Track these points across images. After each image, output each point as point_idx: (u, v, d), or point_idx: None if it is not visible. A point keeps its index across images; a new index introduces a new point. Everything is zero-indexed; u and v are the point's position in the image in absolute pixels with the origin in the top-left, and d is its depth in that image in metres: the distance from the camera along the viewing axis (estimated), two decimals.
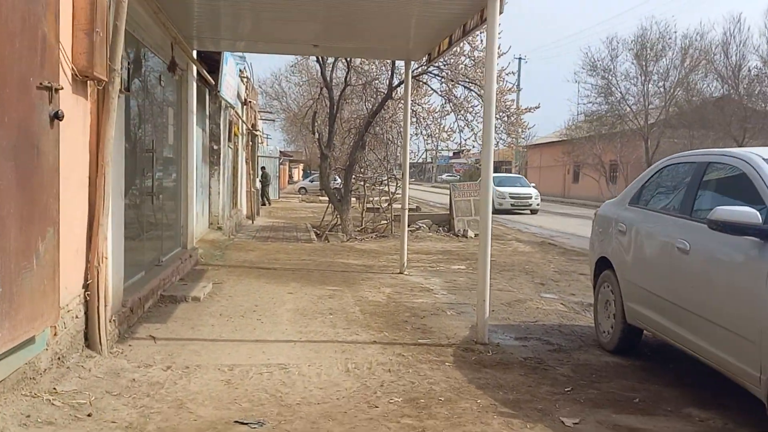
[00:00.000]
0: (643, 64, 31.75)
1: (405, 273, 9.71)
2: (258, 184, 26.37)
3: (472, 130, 15.68)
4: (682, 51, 30.58)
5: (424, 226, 16.55)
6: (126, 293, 5.70)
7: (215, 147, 13.07)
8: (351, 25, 7.92)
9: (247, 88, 19.57)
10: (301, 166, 74.14)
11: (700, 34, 33.91)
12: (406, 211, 10.23)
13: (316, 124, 15.83)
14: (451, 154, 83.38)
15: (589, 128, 36.89)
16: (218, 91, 10.49)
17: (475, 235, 15.67)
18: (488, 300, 5.77)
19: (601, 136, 35.86)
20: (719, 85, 28.50)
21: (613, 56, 33.18)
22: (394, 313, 6.85)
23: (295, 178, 74.40)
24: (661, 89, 31.56)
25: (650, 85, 31.76)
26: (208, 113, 12.70)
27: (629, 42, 32.63)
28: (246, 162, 19.75)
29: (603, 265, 5.83)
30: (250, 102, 19.64)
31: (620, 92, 33.11)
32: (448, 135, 17.11)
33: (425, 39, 8.39)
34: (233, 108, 13.69)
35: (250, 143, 20.30)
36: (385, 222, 17.38)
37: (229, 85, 11.31)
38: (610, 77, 33.40)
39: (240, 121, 17.28)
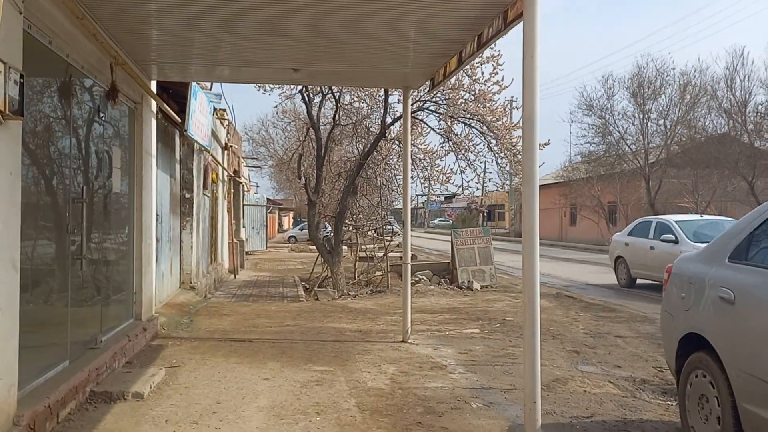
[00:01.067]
0: (641, 102, 30.69)
1: (409, 341, 8.03)
2: (243, 235, 24.75)
3: (474, 170, 14.21)
4: (681, 88, 29.55)
5: (424, 278, 14.91)
6: (25, 403, 4.01)
7: (187, 195, 11.49)
8: (338, 44, 6.43)
9: (228, 132, 18.14)
10: (291, 214, 72.68)
11: (699, 70, 33.08)
12: (409, 265, 8.61)
13: (302, 168, 14.31)
14: (442, 198, 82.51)
15: (587, 169, 35.65)
16: (185, 131, 8.97)
17: (482, 288, 14.04)
18: (539, 400, 4.10)
19: (599, 177, 34.64)
20: (724, 121, 27.35)
21: (609, 95, 32.16)
22: (402, 408, 5.15)
23: (285, 227, 72.86)
24: (662, 127, 30.43)
25: (649, 124, 30.63)
26: (178, 157, 11.17)
27: (626, 80, 31.65)
28: (228, 211, 18.15)
29: (692, 343, 4.21)
30: (231, 147, 18.18)
31: (618, 131, 31.97)
32: (447, 177, 15.62)
33: (428, 57, 6.91)
34: (208, 151, 12.16)
35: (232, 191, 18.75)
36: (380, 273, 15.77)
37: (200, 123, 9.80)
38: (607, 116, 32.32)
39: (219, 166, 15.76)
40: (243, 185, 25.32)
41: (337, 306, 11.40)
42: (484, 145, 13.84)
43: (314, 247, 35.07)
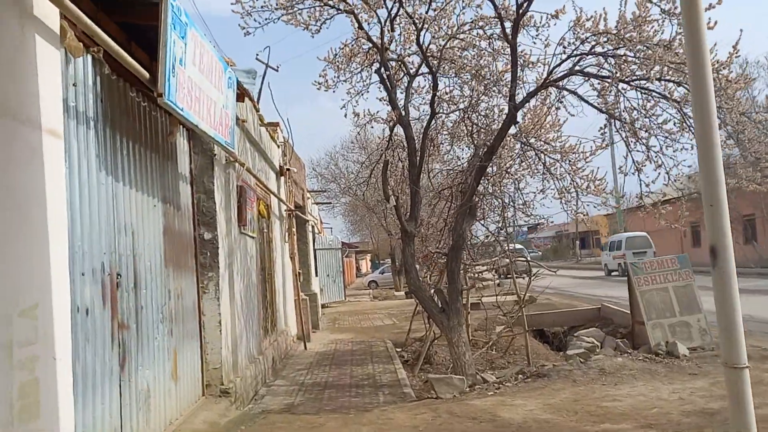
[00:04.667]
0: None
1: None
2: (316, 286, 20.09)
3: (660, 165, 8.92)
4: None
5: (594, 340, 9.59)
6: None
7: (207, 236, 6.81)
8: None
9: (285, 153, 13.63)
10: (368, 257, 68.12)
11: None
12: None
13: (389, 183, 9.39)
14: (525, 229, 75.94)
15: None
16: (160, 95, 4.29)
17: (690, 352, 8.64)
18: None
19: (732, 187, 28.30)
20: None
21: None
22: None
23: (363, 270, 68.39)
24: None
25: None
26: (184, 170, 6.56)
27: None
28: (291, 258, 13.49)
29: None
30: (290, 171, 13.63)
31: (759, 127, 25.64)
32: (600, 182, 10.35)
33: None
34: (235, 157, 7.46)
35: (295, 231, 14.10)
36: (508, 330, 10.64)
37: (201, 92, 5.11)
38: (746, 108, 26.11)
39: (271, 196, 11.15)
40: (312, 225, 20.80)
41: (482, 416, 6.27)
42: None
43: (401, 293, 30.05)
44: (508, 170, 10.50)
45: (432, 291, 9.01)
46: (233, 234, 7.58)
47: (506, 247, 10.38)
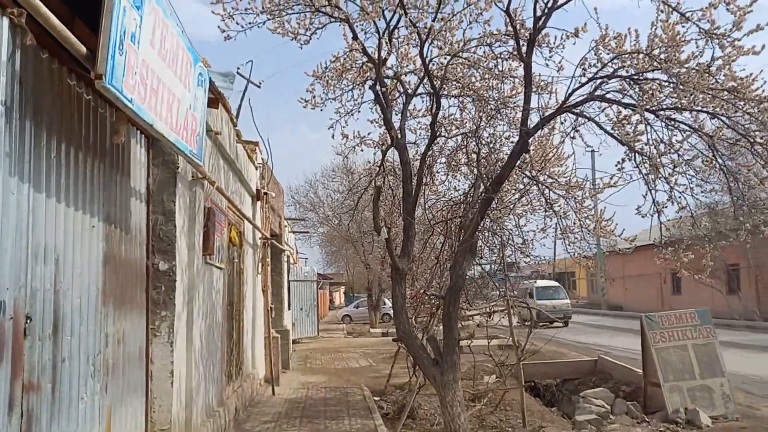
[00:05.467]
0: None
1: None
2: (288, 320, 18.78)
3: (684, 206, 7.97)
4: None
5: (603, 404, 8.48)
6: None
7: (163, 266, 5.62)
8: None
9: (263, 176, 12.50)
10: (342, 289, 66.54)
11: None
12: None
13: (380, 213, 8.26)
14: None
15: (708, 225, 28.75)
16: (100, 77, 3.19)
17: (713, 421, 7.59)
18: None
19: (719, 234, 27.68)
20: None
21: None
22: None
23: (337, 303, 66.77)
24: None
25: None
26: (139, 186, 5.41)
27: None
28: (263, 291, 12.26)
29: None
30: (268, 195, 12.47)
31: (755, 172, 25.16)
32: (604, 226, 9.40)
33: None
34: (203, 174, 6.31)
35: (270, 262, 12.88)
36: (500, 383, 9.53)
37: (156, 80, 4.00)
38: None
39: (244, 221, 9.98)
40: (288, 255, 19.58)
41: None
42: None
43: (378, 330, 28.60)
44: (510, 205, 9.51)
45: (423, 338, 7.85)
46: (196, 264, 6.38)
47: (510, 289, 9.30)
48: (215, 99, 6.08)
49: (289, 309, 19.70)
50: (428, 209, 9.34)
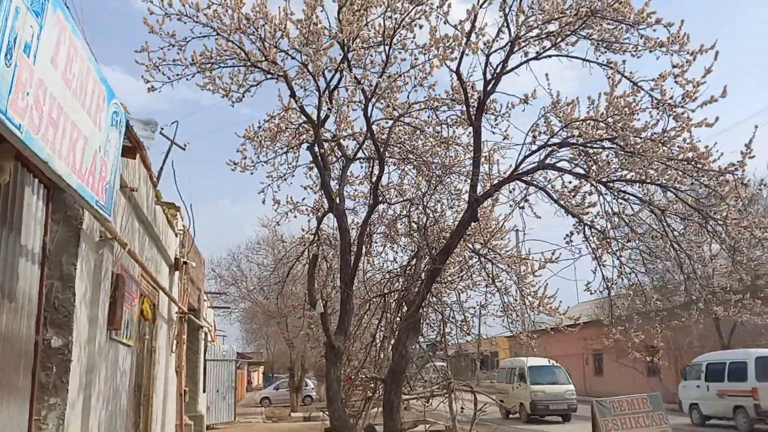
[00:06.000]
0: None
1: None
2: (202, 404, 17.21)
3: (633, 284, 7.62)
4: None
5: None
6: None
7: (56, 343, 4.62)
8: None
9: (184, 244, 11.49)
10: (260, 369, 63.48)
11: None
12: None
13: (314, 285, 7.46)
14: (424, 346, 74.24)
15: (629, 305, 29.18)
16: None
17: None
18: None
19: (642, 314, 28.03)
20: None
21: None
22: None
23: (254, 384, 63.53)
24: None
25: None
26: (31, 244, 4.49)
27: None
28: (177, 372, 11.01)
29: None
30: (187, 265, 11.43)
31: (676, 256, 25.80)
32: (546, 304, 9.03)
33: None
34: (116, 238, 5.41)
35: (184, 339, 11.68)
36: None
37: (57, 110, 3.22)
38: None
39: (160, 292, 8.94)
40: (206, 332, 18.20)
41: None
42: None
43: (299, 414, 26.68)
44: (453, 278, 8.96)
45: (361, 430, 6.96)
46: (98, 341, 5.37)
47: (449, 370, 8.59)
48: (132, 148, 5.28)
49: (204, 392, 18.14)
50: (366, 282, 8.64)
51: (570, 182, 7.34)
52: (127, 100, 7.52)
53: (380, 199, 7.55)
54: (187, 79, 7.40)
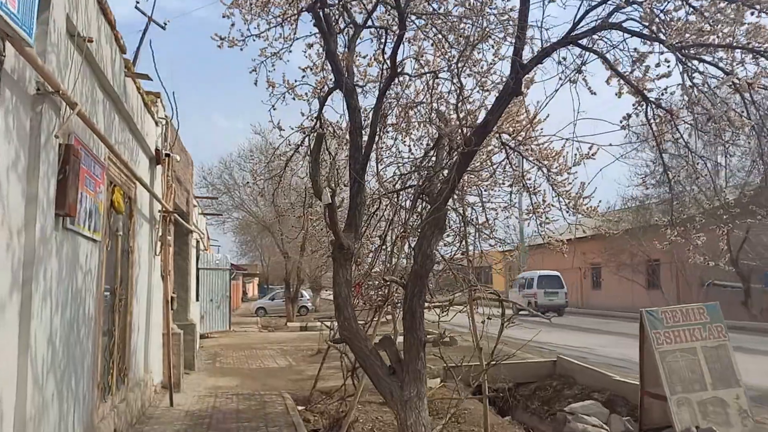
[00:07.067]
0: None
1: None
2: (196, 314, 16.35)
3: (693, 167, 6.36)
4: None
5: (598, 421, 6.79)
6: None
7: None
8: None
9: (166, 137, 10.13)
10: (255, 280, 63.33)
11: None
12: None
13: (320, 171, 6.16)
14: None
15: (634, 219, 28.25)
16: None
17: None
18: None
19: (644, 228, 27.10)
20: None
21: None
22: None
23: (250, 295, 63.66)
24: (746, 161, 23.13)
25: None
26: None
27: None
28: (163, 278, 9.90)
29: None
30: (170, 158, 10.11)
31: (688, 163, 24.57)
32: (576, 201, 7.79)
33: None
34: (59, 92, 4.05)
35: (172, 243, 10.49)
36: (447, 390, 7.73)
37: None
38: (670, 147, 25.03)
39: (137, 184, 7.66)
40: (197, 239, 17.11)
41: None
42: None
43: (296, 324, 26.09)
44: (480, 172, 7.70)
45: (376, 341, 5.88)
46: (41, 226, 4.11)
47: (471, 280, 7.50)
48: None
49: (197, 300, 17.25)
50: (378, 176, 7.34)
51: (635, 49, 5.93)
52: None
53: (398, 69, 6.11)
54: None
